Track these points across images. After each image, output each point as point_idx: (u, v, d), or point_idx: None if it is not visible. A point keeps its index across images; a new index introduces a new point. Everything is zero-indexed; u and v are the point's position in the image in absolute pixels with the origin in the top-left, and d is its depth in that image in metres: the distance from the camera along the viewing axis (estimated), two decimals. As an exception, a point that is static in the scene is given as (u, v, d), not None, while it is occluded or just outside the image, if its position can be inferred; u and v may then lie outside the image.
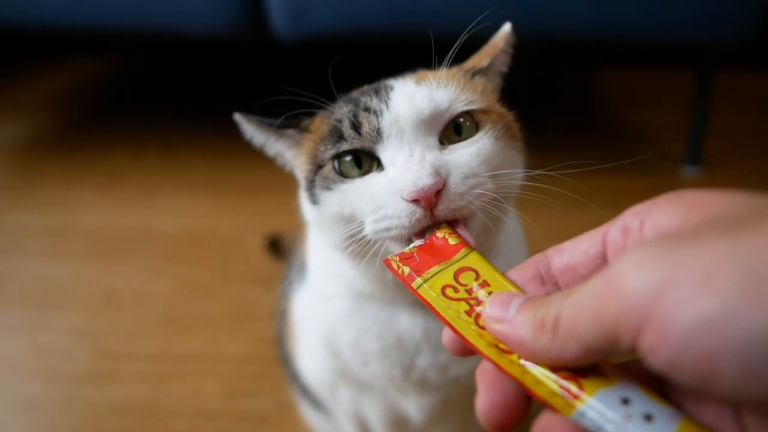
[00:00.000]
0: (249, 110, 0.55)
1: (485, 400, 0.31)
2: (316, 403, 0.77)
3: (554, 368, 0.29)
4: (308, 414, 0.84)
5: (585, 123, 1.89)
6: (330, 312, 0.59)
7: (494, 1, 1.18)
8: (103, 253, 1.32)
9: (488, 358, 0.32)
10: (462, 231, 0.42)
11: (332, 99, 0.52)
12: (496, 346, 0.32)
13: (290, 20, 1.35)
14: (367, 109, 0.47)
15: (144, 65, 2.56)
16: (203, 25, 1.42)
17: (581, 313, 0.27)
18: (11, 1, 1.43)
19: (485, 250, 0.48)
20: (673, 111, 1.74)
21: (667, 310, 0.23)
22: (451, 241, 0.40)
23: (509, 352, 0.31)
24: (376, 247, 0.45)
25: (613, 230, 0.31)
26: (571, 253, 0.33)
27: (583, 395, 0.28)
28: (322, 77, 0.52)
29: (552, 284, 0.34)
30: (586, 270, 0.32)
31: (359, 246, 0.46)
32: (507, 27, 0.54)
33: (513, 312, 0.31)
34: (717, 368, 0.23)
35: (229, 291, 1.19)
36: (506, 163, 0.47)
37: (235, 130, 0.57)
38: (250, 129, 0.55)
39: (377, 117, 0.46)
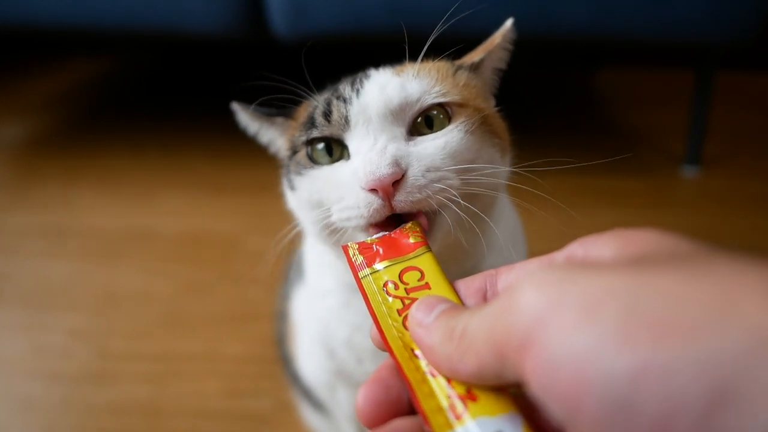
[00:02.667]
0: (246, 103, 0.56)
1: (366, 391, 0.31)
2: (317, 405, 0.77)
3: (453, 384, 0.29)
4: (309, 416, 0.84)
5: (585, 123, 1.89)
6: (324, 309, 0.59)
7: (494, 1, 1.17)
8: (103, 253, 1.32)
9: (395, 358, 0.32)
10: (423, 220, 0.42)
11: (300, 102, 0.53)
12: (412, 350, 0.32)
13: (290, 20, 1.35)
14: (338, 97, 0.47)
15: (144, 65, 2.56)
16: (203, 25, 1.42)
17: (482, 327, 0.27)
18: (11, 1, 1.43)
19: (464, 247, 0.47)
20: (673, 111, 1.74)
21: (547, 334, 0.23)
22: (411, 239, 0.40)
23: (420, 358, 0.31)
24: (346, 235, 0.46)
25: (558, 257, 0.31)
26: (517, 272, 0.33)
27: (465, 417, 0.28)
28: (321, 77, 0.52)
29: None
30: None
31: (330, 233, 0.47)
32: (508, 23, 0.53)
33: (433, 317, 0.31)
34: (579, 404, 0.22)
35: (229, 291, 1.19)
36: (481, 160, 0.46)
37: (235, 130, 0.58)
38: (245, 117, 0.57)
39: (346, 105, 0.46)
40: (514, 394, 0.29)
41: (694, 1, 1.25)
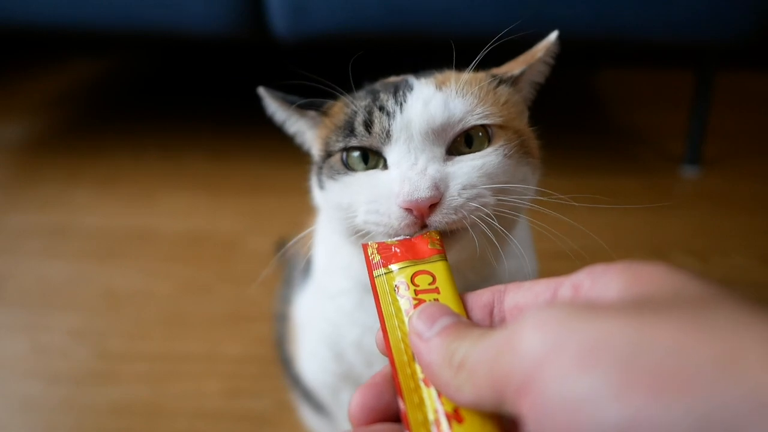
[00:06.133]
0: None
1: (359, 396, 0.32)
2: (318, 407, 0.76)
3: (443, 400, 0.30)
4: (309, 418, 0.84)
5: (585, 123, 1.89)
6: (334, 310, 0.59)
7: (494, 2, 1.18)
8: (103, 253, 1.32)
9: (392, 362, 0.32)
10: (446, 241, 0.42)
11: (332, 98, 0.52)
12: (412, 354, 0.32)
13: (290, 20, 1.35)
14: (381, 108, 0.47)
15: (144, 65, 2.56)
16: (203, 25, 1.42)
17: (482, 361, 0.27)
18: (11, 1, 1.43)
19: (485, 258, 0.48)
20: (673, 111, 1.74)
21: (546, 378, 0.23)
22: (430, 245, 0.40)
23: (417, 363, 0.32)
24: (368, 237, 0.46)
25: (566, 283, 0.31)
26: (524, 292, 0.33)
27: None
28: (321, 77, 0.52)
29: (500, 318, 0.33)
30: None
31: (354, 232, 0.47)
32: (552, 36, 0.52)
33: (434, 331, 0.31)
34: None
35: (229, 291, 1.19)
36: (515, 180, 0.46)
37: (235, 130, 0.58)
38: (273, 104, 0.56)
39: (389, 118, 0.46)
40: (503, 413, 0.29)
41: (694, 1, 1.25)
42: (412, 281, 0.37)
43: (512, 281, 0.54)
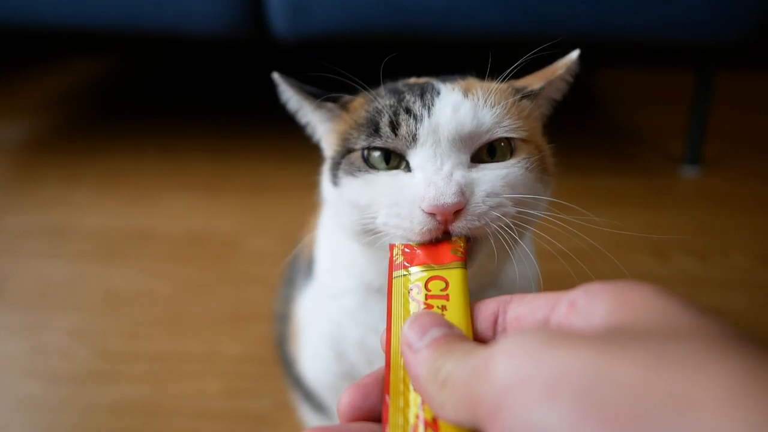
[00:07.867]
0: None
1: (349, 395, 0.33)
2: (318, 407, 0.77)
3: (425, 407, 0.30)
4: (309, 418, 0.84)
5: (585, 123, 1.89)
6: (337, 309, 0.59)
7: (494, 2, 1.18)
8: (103, 253, 1.32)
9: (387, 363, 0.33)
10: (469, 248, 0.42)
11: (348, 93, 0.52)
12: None
13: (290, 20, 1.35)
14: (408, 111, 0.46)
15: (144, 65, 2.56)
16: (203, 25, 1.42)
17: (461, 381, 0.27)
18: (11, 1, 1.43)
19: (495, 264, 0.48)
20: (673, 111, 1.74)
21: (511, 408, 0.23)
22: (452, 252, 0.41)
23: None
24: (385, 239, 0.45)
25: (564, 300, 0.31)
26: (525, 305, 0.33)
27: None
28: (321, 77, 0.52)
29: (502, 328, 0.34)
30: (528, 327, 0.32)
31: (368, 234, 0.47)
32: (573, 54, 0.52)
33: (424, 343, 0.31)
34: None
35: (229, 291, 1.19)
36: (531, 194, 0.46)
37: (235, 130, 0.58)
38: (288, 92, 0.54)
39: (416, 122, 0.45)
40: None
41: (694, 1, 1.25)
42: (426, 286, 0.37)
43: (514, 286, 0.54)
